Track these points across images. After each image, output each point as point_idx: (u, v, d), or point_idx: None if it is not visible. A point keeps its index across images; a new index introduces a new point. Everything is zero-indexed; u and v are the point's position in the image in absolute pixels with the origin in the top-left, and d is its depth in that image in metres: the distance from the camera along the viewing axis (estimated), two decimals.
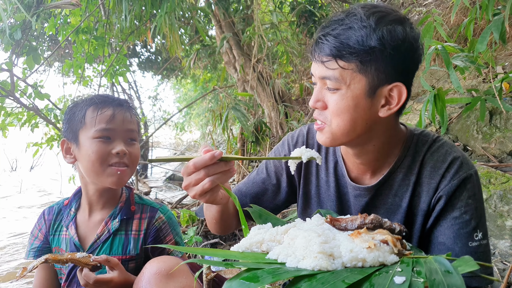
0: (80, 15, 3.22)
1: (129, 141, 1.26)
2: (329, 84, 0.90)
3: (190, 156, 0.80)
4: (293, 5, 5.51)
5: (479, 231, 0.94)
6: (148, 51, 8.84)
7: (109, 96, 1.30)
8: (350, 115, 0.91)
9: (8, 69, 2.46)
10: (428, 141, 1.01)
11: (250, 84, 5.14)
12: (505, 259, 1.93)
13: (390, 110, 0.92)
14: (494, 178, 2.22)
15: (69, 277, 1.25)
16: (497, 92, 1.99)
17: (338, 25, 0.87)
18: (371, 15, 0.86)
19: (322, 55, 0.88)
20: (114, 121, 1.23)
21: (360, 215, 0.77)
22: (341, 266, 0.62)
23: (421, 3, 4.99)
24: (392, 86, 0.89)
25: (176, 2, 3.27)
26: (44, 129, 3.43)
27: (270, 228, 0.77)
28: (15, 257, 3.31)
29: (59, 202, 1.38)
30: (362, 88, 0.89)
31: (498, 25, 1.69)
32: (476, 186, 0.97)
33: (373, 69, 0.87)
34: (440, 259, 0.61)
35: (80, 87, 3.56)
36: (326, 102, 0.93)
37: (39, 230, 1.33)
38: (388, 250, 0.65)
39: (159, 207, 1.35)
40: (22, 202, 5.39)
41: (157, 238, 1.29)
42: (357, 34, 0.85)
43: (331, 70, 0.88)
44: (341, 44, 0.86)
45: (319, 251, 0.62)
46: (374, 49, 0.85)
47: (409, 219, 1.00)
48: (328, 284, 0.55)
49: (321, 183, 1.13)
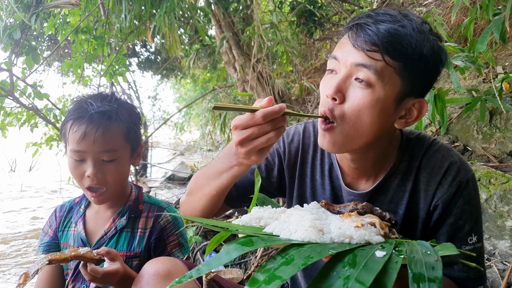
0: (79, 15, 3.21)
1: (104, 161, 1.18)
2: (364, 76, 0.82)
3: (255, 107, 0.76)
4: (293, 5, 5.50)
5: (474, 234, 0.94)
6: (147, 51, 8.83)
7: (87, 109, 1.17)
8: (372, 117, 0.84)
9: (8, 69, 2.46)
10: (424, 146, 0.98)
11: (250, 84, 5.14)
12: (505, 259, 1.92)
13: (407, 123, 0.90)
14: (494, 179, 2.22)
15: (76, 271, 1.26)
16: (497, 92, 1.99)
17: (391, 20, 0.83)
18: (423, 23, 0.85)
19: (367, 42, 0.81)
20: (85, 142, 1.14)
21: (353, 202, 0.82)
22: (329, 241, 0.66)
23: (421, 3, 4.99)
24: (417, 101, 0.88)
25: (175, 2, 3.27)
26: (43, 129, 3.43)
27: (269, 208, 0.82)
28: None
29: (70, 200, 1.41)
30: (395, 93, 0.84)
31: (498, 25, 1.69)
32: (472, 191, 0.96)
33: (411, 76, 0.84)
34: (423, 243, 0.66)
35: (80, 87, 3.56)
36: (348, 95, 0.84)
37: (49, 226, 1.37)
38: (374, 231, 0.69)
39: (167, 207, 1.36)
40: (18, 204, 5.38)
41: (160, 237, 1.30)
42: (413, 36, 0.81)
43: (374, 60, 0.81)
44: (394, 39, 0.80)
45: (310, 225, 0.67)
46: (422, 57, 0.82)
47: (408, 227, 0.98)
48: (315, 252, 0.60)
49: (317, 185, 1.10)
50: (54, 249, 1.33)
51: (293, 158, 1.12)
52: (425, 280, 0.53)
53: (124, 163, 1.25)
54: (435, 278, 0.53)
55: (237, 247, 0.61)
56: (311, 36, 5.40)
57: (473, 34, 2.78)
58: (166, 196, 5.58)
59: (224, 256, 0.60)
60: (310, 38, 5.69)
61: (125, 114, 1.24)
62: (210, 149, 8.76)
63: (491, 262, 1.91)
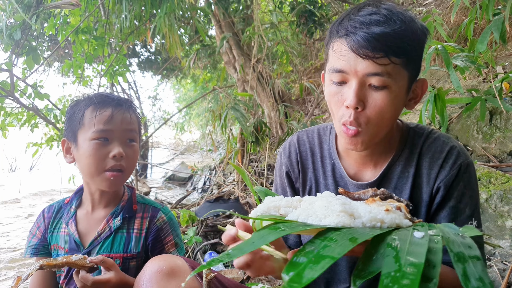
0: (79, 15, 3.21)
1: (127, 142, 1.24)
2: (378, 82, 0.85)
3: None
4: (293, 5, 5.50)
5: (474, 219, 0.97)
6: (147, 51, 8.83)
7: (109, 96, 1.27)
8: (391, 112, 0.89)
9: (8, 69, 2.46)
10: (424, 134, 1.03)
11: (250, 84, 5.14)
12: (505, 259, 1.92)
13: (415, 103, 0.95)
14: (494, 178, 2.22)
15: (69, 274, 1.25)
16: (497, 92, 1.99)
17: (383, 20, 0.83)
18: (407, 11, 0.88)
19: (373, 50, 0.83)
20: (112, 122, 1.21)
21: (372, 189, 0.81)
22: (361, 225, 0.63)
23: (421, 3, 4.99)
24: (419, 81, 0.94)
25: (176, 2, 3.27)
26: (43, 129, 3.43)
27: (283, 197, 0.77)
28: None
29: (59, 200, 1.38)
30: (405, 83, 0.89)
31: (498, 25, 1.69)
32: (472, 175, 0.99)
33: (413, 64, 0.89)
34: (450, 225, 0.64)
35: (80, 87, 3.56)
36: (368, 101, 0.88)
37: (37, 228, 1.33)
38: (402, 215, 0.68)
39: (161, 207, 1.35)
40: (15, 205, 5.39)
41: (157, 238, 1.30)
42: (408, 29, 0.84)
43: (383, 66, 0.84)
44: (396, 40, 0.83)
45: (341, 210, 0.64)
46: (419, 44, 0.88)
47: (413, 211, 1.01)
48: (355, 234, 0.57)
49: (320, 187, 1.12)
50: (43, 251, 1.30)
51: (296, 169, 1.16)
52: (467, 259, 0.52)
53: (138, 150, 1.30)
54: (475, 257, 0.52)
55: (270, 232, 0.57)
56: (311, 36, 5.40)
57: (473, 34, 2.78)
58: (166, 196, 5.58)
59: (257, 240, 0.56)
60: (310, 38, 5.69)
61: (135, 107, 1.34)
62: (210, 149, 8.77)
63: (491, 262, 1.91)
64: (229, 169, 5.14)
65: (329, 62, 0.94)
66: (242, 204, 3.45)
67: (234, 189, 3.88)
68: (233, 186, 3.99)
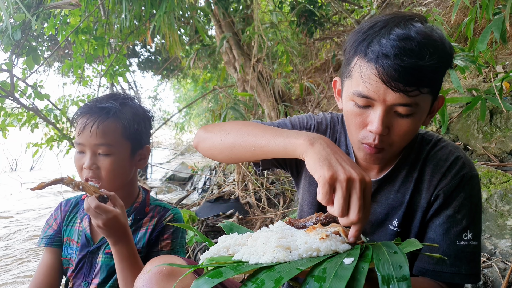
0: (79, 15, 3.21)
1: (98, 156, 1.22)
2: (405, 111, 0.85)
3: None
4: (293, 5, 5.50)
5: (469, 231, 0.95)
6: (147, 51, 8.84)
7: (93, 105, 1.25)
8: (414, 133, 0.91)
9: (8, 69, 2.46)
10: (432, 141, 1.03)
11: (250, 84, 5.14)
12: (505, 259, 1.92)
13: (431, 118, 0.95)
14: (494, 178, 2.22)
15: (78, 267, 1.27)
16: (498, 92, 1.99)
17: (419, 49, 0.79)
18: (435, 30, 0.84)
19: (406, 86, 0.81)
20: (83, 135, 1.20)
21: (316, 214, 0.83)
22: (298, 257, 0.66)
23: (421, 2, 4.99)
24: (438, 98, 0.93)
25: (175, 2, 3.27)
26: (44, 130, 3.43)
27: (236, 235, 0.81)
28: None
29: (76, 196, 1.43)
30: (428, 107, 0.89)
31: (498, 24, 1.69)
32: (474, 188, 0.97)
33: (438, 87, 0.88)
34: (388, 243, 0.68)
35: (80, 87, 3.57)
36: (393, 127, 0.88)
37: (54, 219, 1.38)
38: (340, 240, 0.70)
39: (171, 208, 1.37)
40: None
41: (159, 235, 1.31)
42: (443, 58, 0.82)
43: (413, 97, 0.83)
44: (433, 74, 0.82)
45: (277, 245, 0.67)
46: (448, 70, 0.89)
47: (409, 214, 1.01)
48: (285, 272, 0.60)
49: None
50: (57, 242, 1.34)
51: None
52: (394, 280, 0.55)
53: (121, 161, 1.25)
54: (403, 277, 0.55)
55: (206, 280, 0.60)
56: (311, 35, 5.40)
57: (473, 34, 2.78)
58: (166, 196, 5.59)
59: None
60: (310, 38, 5.69)
61: (126, 112, 1.27)
62: None
63: (491, 262, 1.91)
64: (229, 169, 5.14)
65: (353, 81, 0.90)
66: (243, 204, 3.45)
67: (234, 189, 3.88)
68: (233, 186, 3.99)
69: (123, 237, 1.10)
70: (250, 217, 3.09)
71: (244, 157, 0.99)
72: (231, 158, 1.03)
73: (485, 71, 3.07)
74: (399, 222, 1.02)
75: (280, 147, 0.87)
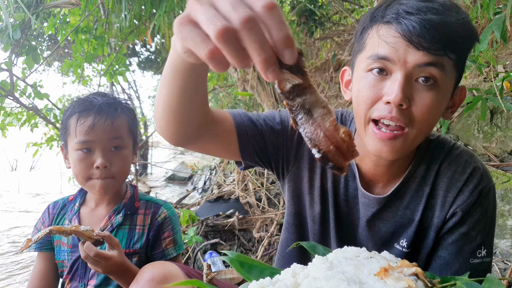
0: (79, 15, 3.21)
1: (112, 150, 1.22)
2: (430, 74, 0.74)
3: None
4: (293, 4, 5.50)
5: (484, 248, 0.88)
6: (147, 51, 8.84)
7: (93, 102, 1.23)
8: (437, 116, 0.78)
9: (8, 69, 2.46)
10: (445, 149, 0.91)
11: (250, 83, 5.13)
12: (506, 259, 1.92)
13: (452, 112, 0.84)
14: (495, 178, 2.22)
15: (72, 269, 1.26)
16: (498, 91, 1.98)
17: (444, 9, 0.72)
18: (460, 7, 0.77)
19: (431, 42, 0.71)
20: (94, 132, 1.18)
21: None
22: None
23: None
24: (459, 87, 0.83)
25: (175, 1, 3.26)
26: (43, 129, 3.43)
27: (270, 283, 0.56)
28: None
29: (64, 197, 1.41)
30: (452, 86, 0.79)
31: (499, 24, 1.68)
32: (490, 202, 0.89)
33: (462, 64, 0.78)
34: (471, 284, 0.56)
35: (80, 86, 3.57)
36: (413, 99, 0.75)
37: (42, 223, 1.36)
38: (421, 286, 0.54)
39: (163, 203, 1.37)
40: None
41: (157, 234, 1.30)
42: (470, 25, 0.74)
43: (439, 57, 0.72)
44: (459, 35, 0.72)
45: None
46: (473, 44, 0.78)
47: (420, 233, 0.92)
48: None
49: (305, 183, 1.00)
50: (47, 246, 1.32)
51: (294, 145, 0.98)
52: None
53: (129, 155, 1.28)
54: None
55: None
56: (311, 35, 5.40)
57: None
58: (166, 196, 5.59)
59: None
60: (311, 37, 5.69)
61: (125, 108, 1.31)
62: None
63: (492, 261, 1.91)
64: (229, 168, 5.13)
65: (366, 50, 0.79)
66: (243, 203, 3.45)
67: (234, 188, 3.88)
68: (234, 186, 3.99)
69: (124, 274, 1.09)
70: (250, 217, 3.09)
71: (172, 102, 0.73)
72: (167, 114, 0.77)
73: (485, 70, 3.06)
74: (408, 243, 0.92)
75: (171, 59, 0.66)
